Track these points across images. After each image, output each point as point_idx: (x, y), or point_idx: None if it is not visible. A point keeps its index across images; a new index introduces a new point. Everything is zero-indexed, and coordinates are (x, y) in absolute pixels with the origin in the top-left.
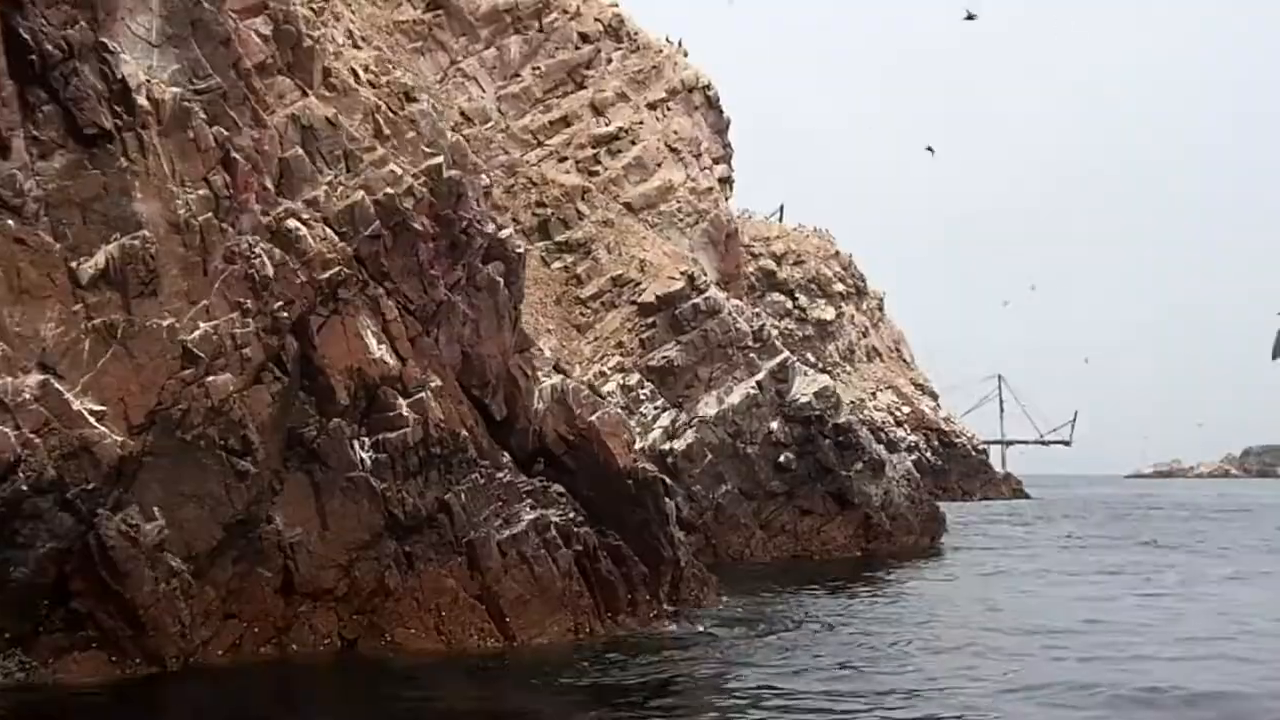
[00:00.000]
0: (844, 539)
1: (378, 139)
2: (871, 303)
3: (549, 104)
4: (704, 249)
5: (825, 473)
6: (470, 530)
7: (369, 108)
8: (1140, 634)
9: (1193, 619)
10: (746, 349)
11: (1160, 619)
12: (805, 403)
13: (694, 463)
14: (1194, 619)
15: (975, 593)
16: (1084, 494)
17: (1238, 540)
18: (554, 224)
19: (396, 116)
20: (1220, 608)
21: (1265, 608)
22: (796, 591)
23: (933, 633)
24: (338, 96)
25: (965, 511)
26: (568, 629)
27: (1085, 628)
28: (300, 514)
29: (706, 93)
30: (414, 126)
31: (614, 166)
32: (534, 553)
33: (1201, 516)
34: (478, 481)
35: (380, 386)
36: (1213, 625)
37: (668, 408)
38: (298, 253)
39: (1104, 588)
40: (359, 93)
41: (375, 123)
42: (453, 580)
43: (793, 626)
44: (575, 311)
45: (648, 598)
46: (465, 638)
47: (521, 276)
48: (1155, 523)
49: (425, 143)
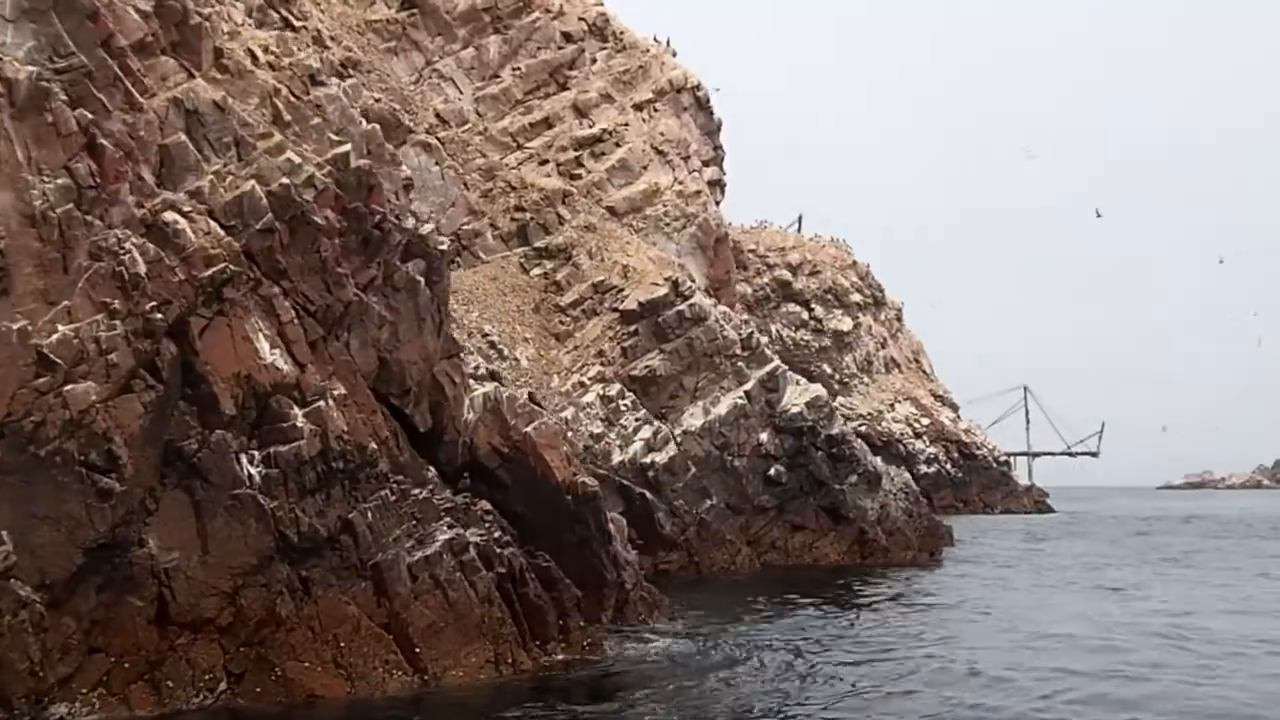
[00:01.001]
0: (837, 555)
1: (276, 125)
2: (890, 313)
3: (529, 105)
4: (692, 254)
5: (818, 486)
6: (377, 552)
7: (267, 91)
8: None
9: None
10: (734, 357)
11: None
12: (796, 413)
13: (676, 476)
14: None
15: (945, 629)
16: (1109, 507)
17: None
18: (533, 229)
19: (299, 101)
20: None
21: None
22: (766, 612)
23: (888, 672)
24: (231, 79)
25: (982, 526)
26: (487, 660)
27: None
28: (178, 536)
29: (696, 93)
30: (320, 112)
31: (597, 169)
32: (448, 576)
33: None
34: (388, 498)
35: (273, 395)
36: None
37: (650, 419)
38: (175, 248)
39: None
40: (255, 75)
41: (274, 107)
42: (355, 607)
43: (743, 658)
44: (554, 320)
45: (582, 624)
46: (368, 671)
47: (446, 276)
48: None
49: (333, 130)
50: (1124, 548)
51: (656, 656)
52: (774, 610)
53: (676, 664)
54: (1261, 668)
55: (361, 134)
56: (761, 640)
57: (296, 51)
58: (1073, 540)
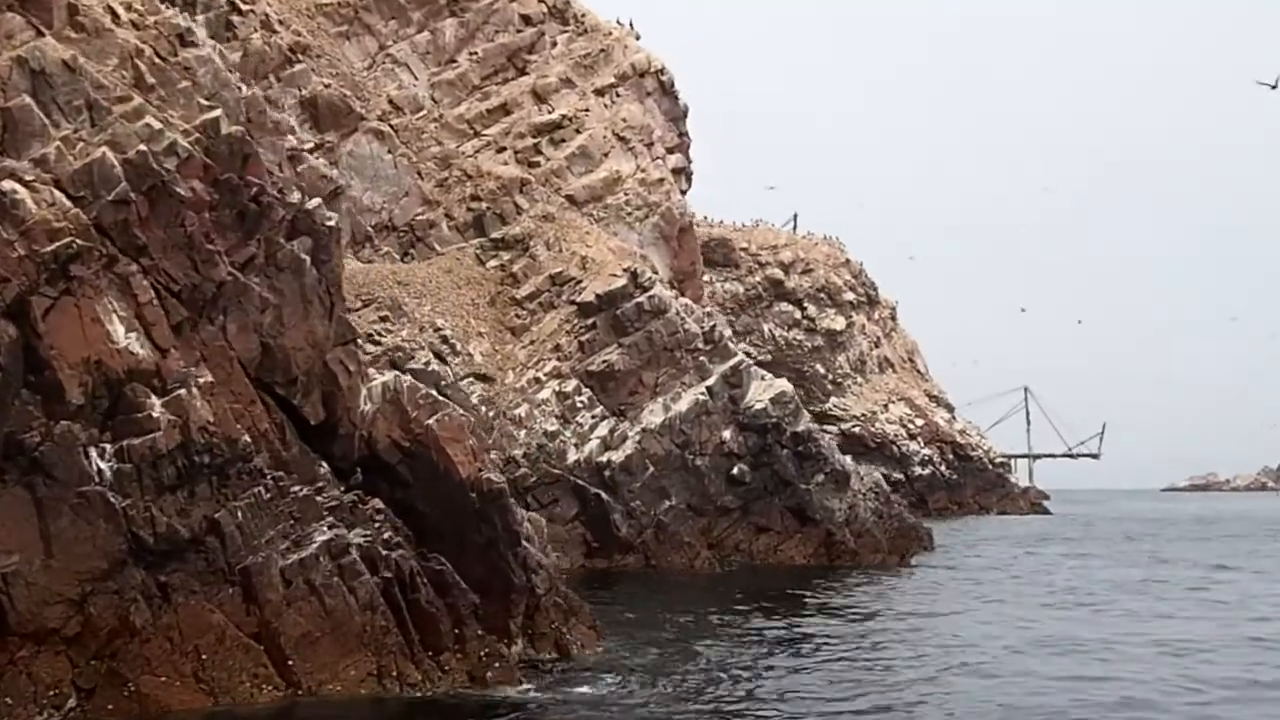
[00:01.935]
0: (803, 558)
1: (138, 88)
2: (884, 312)
3: (487, 91)
4: (654, 245)
5: (783, 486)
6: (247, 555)
7: (128, 51)
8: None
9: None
10: (696, 351)
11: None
12: (761, 409)
13: (634, 476)
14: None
15: (898, 644)
16: (1108, 510)
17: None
18: (490, 219)
19: (165, 63)
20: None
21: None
22: (695, 622)
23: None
24: (87, 38)
25: (972, 528)
26: (369, 673)
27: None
28: (18, 538)
29: (660, 78)
30: (189, 75)
31: (556, 157)
32: (325, 581)
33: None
34: (262, 496)
35: (127, 383)
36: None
37: (607, 416)
38: (15, 220)
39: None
40: (115, 34)
41: (135, 69)
42: (221, 616)
43: (650, 679)
44: (510, 313)
45: (480, 633)
46: (234, 685)
47: (336, 255)
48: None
49: (204, 94)
50: (1113, 554)
51: (567, 674)
52: (704, 620)
53: (585, 688)
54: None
55: (238, 100)
56: (669, 656)
57: (164, 9)
58: (1061, 545)
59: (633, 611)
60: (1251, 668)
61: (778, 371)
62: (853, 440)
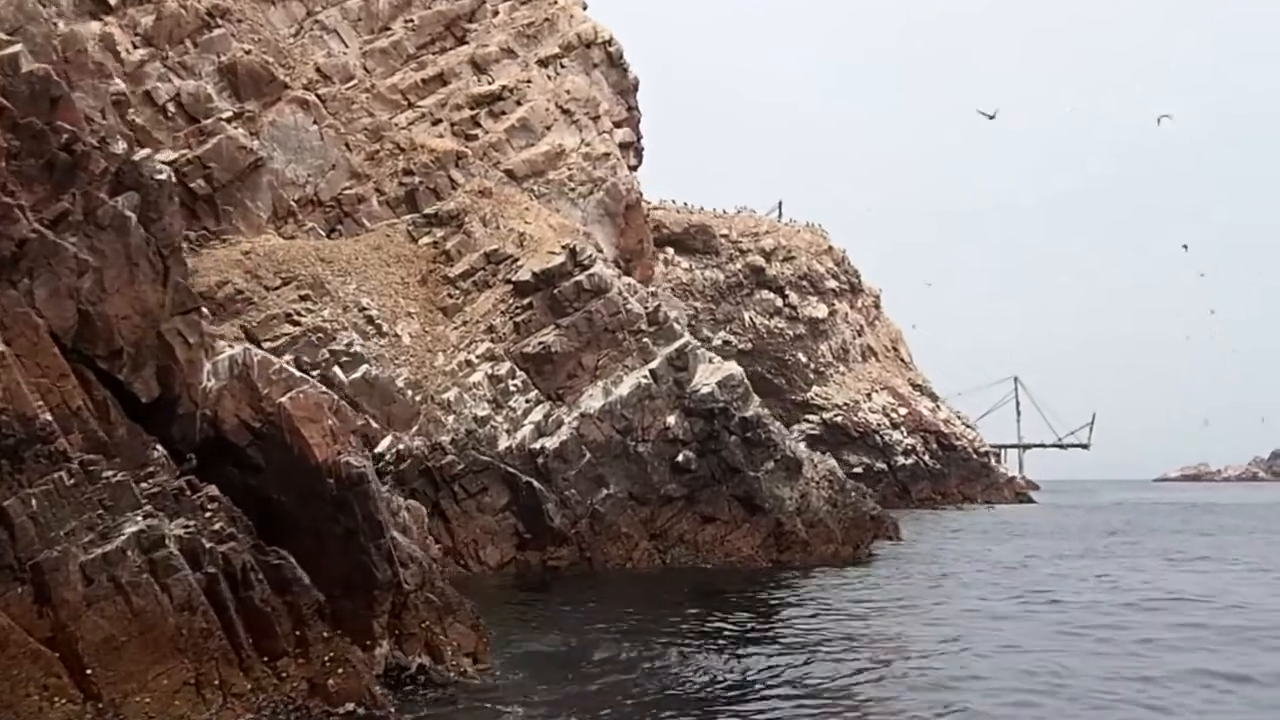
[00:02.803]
0: (751, 549)
1: None
2: (867, 300)
3: (423, 60)
4: (599, 222)
5: (731, 473)
6: (41, 549)
7: None
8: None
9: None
10: (639, 333)
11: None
12: (708, 393)
13: (569, 463)
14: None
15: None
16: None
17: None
18: (423, 194)
19: None
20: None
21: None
22: (587, 624)
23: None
24: None
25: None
26: (185, 682)
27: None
28: None
29: (608, 48)
30: None
31: (495, 130)
32: (132, 578)
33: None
34: (63, 482)
35: None
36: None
37: (542, 400)
38: None
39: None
40: None
41: None
42: (6, 618)
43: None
44: (442, 293)
45: (326, 634)
46: (20, 698)
47: (169, 212)
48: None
49: (4, 29)
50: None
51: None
52: (602, 620)
53: (440, 682)
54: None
55: (46, 35)
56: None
57: None
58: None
59: (531, 607)
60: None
61: (759, 360)
62: (835, 430)
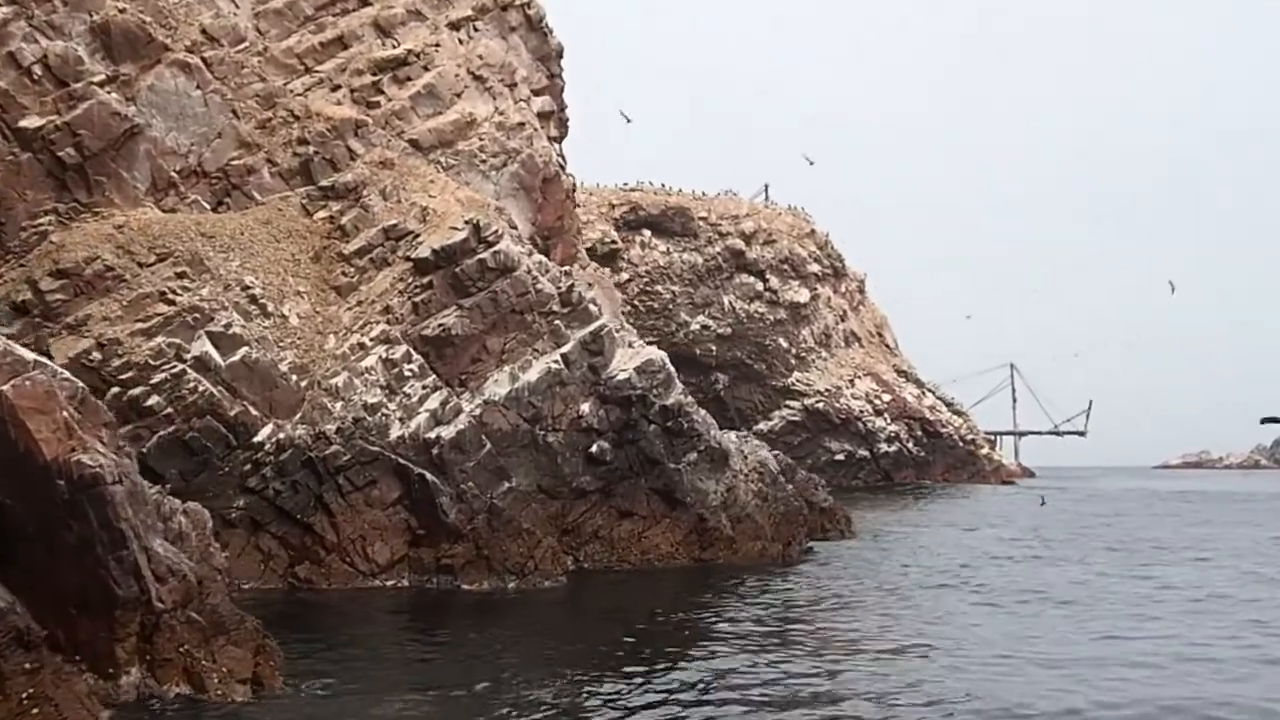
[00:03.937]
0: (670, 547)
1: None
2: (851, 284)
3: (321, 22)
4: (513, 196)
5: (650, 465)
6: None
7: None
8: None
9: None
10: (551, 315)
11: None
12: (625, 379)
13: (467, 454)
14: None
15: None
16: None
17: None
18: (318, 165)
19: None
20: None
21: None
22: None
23: None
24: None
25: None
26: None
27: None
28: None
29: (526, 11)
30: None
31: (399, 97)
32: None
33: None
34: None
35: None
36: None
37: (440, 386)
38: None
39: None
40: None
41: None
42: None
43: None
44: (336, 271)
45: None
46: None
47: None
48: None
49: None
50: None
51: None
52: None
53: None
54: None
55: None
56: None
57: None
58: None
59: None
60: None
61: (739, 345)
62: (816, 416)
